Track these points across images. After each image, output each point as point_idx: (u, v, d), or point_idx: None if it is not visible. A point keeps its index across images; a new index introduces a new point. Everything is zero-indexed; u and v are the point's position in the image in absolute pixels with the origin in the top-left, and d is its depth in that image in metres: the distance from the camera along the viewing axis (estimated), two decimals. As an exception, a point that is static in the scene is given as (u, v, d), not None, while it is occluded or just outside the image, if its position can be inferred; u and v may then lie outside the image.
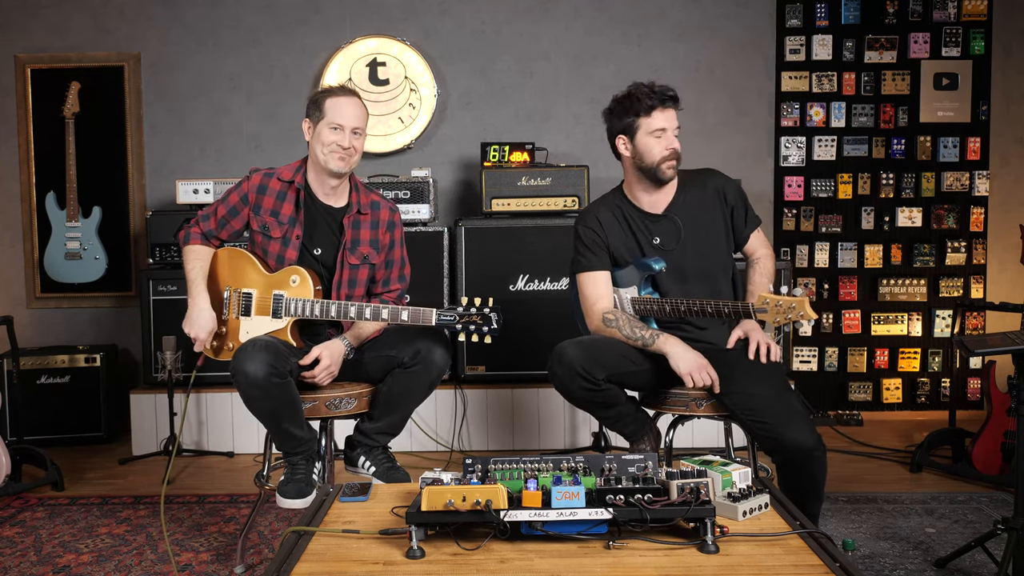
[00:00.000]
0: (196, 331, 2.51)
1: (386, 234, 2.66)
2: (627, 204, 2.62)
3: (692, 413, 2.50)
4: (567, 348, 2.44)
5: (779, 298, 2.27)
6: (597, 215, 2.63)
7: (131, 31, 4.49)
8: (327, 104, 2.52)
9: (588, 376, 2.39)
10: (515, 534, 1.68)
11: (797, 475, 2.29)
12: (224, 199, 2.62)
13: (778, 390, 2.37)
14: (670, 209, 2.58)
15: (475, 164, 4.43)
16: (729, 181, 2.64)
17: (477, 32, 4.50)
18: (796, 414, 2.28)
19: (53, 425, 4.06)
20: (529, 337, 3.80)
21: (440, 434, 3.91)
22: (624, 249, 2.60)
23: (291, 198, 2.58)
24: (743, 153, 4.48)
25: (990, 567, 2.47)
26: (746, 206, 2.63)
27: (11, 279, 4.54)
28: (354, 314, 2.45)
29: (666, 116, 2.50)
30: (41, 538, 2.93)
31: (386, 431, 2.59)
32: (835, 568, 1.55)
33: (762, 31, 4.48)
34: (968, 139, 4.42)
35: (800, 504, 2.32)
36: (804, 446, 2.23)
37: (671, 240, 2.57)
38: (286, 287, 2.51)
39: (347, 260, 2.60)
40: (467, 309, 2.39)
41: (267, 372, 2.29)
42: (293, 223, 2.56)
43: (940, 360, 4.48)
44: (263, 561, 2.66)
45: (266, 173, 2.60)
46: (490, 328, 2.38)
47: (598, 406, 2.51)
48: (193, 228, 2.64)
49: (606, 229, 2.60)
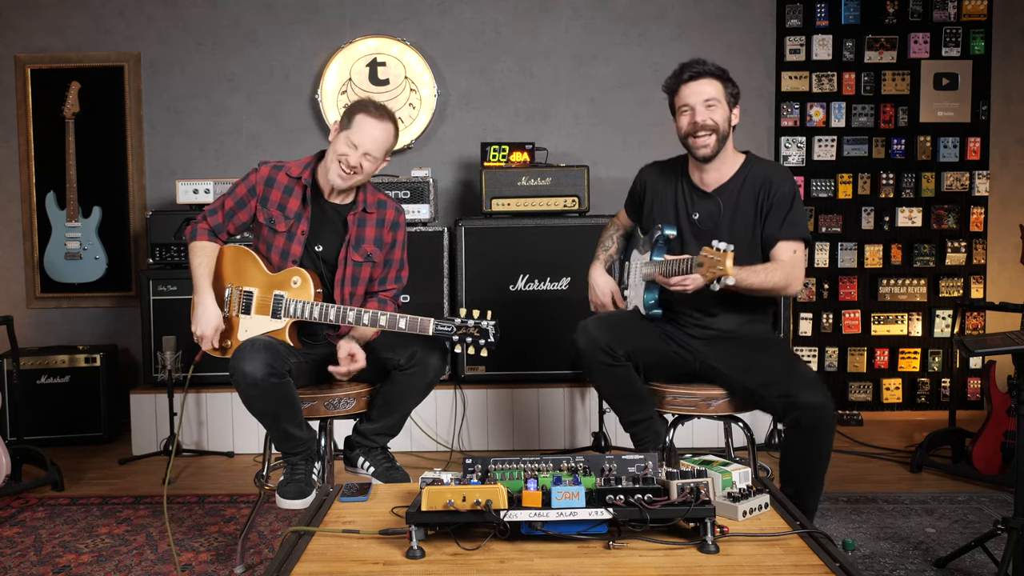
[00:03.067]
0: (203, 329, 2.49)
1: (389, 233, 2.66)
2: (684, 174, 2.63)
3: (697, 413, 2.51)
4: (590, 323, 2.52)
5: (712, 252, 2.19)
6: (650, 178, 2.70)
7: (131, 31, 4.49)
8: (357, 119, 2.50)
9: (609, 350, 2.44)
10: (515, 534, 1.68)
11: (806, 439, 2.33)
12: (231, 191, 2.61)
13: (785, 358, 2.47)
14: (720, 190, 2.55)
15: (475, 164, 4.43)
16: (786, 182, 2.50)
17: (477, 32, 4.50)
18: (808, 377, 2.37)
19: (53, 425, 4.06)
20: (529, 337, 3.80)
21: (440, 434, 3.91)
22: (663, 216, 2.62)
23: (298, 194, 2.57)
24: (743, 153, 4.48)
25: (990, 567, 2.47)
26: (787, 213, 2.47)
27: (11, 279, 4.54)
28: (352, 319, 2.45)
29: (691, 91, 2.47)
30: (41, 538, 2.93)
31: (384, 432, 2.59)
32: (835, 568, 1.55)
33: (762, 31, 4.48)
34: (968, 139, 4.42)
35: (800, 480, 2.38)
36: (819, 403, 2.29)
37: (710, 219, 2.54)
38: (287, 288, 2.51)
39: (350, 257, 2.59)
40: (464, 320, 2.38)
41: (266, 372, 2.29)
42: (299, 218, 2.56)
43: (940, 360, 4.48)
44: (263, 561, 2.66)
45: (275, 166, 2.60)
46: (487, 341, 2.38)
47: (618, 390, 2.51)
48: (200, 224, 2.63)
49: (648, 192, 2.67)
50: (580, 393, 3.90)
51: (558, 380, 3.92)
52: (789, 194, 2.49)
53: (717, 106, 2.46)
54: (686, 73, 2.48)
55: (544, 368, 3.92)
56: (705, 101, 2.46)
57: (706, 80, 2.47)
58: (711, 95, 2.46)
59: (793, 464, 2.39)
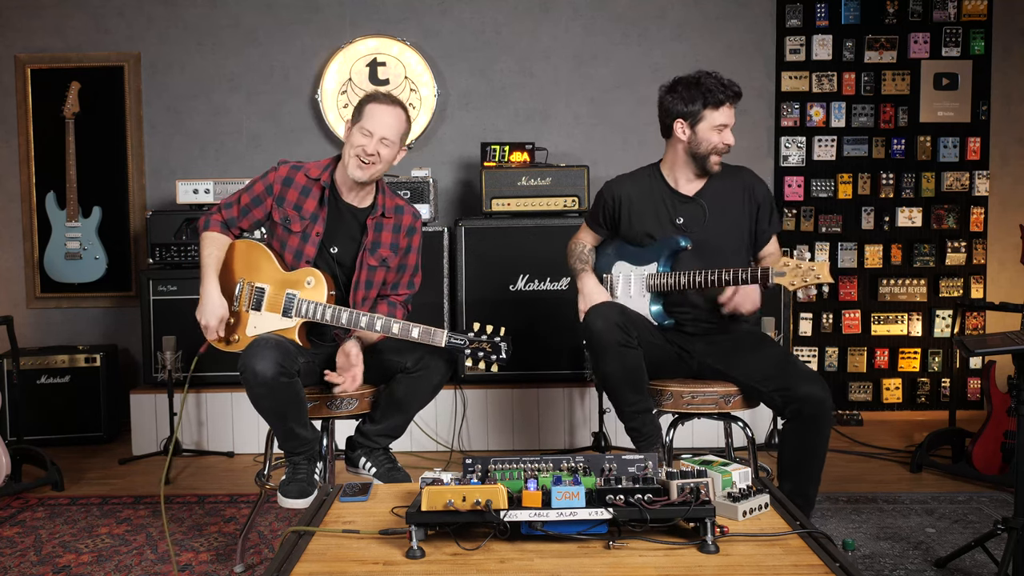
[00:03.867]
0: (207, 319, 2.47)
1: (405, 239, 2.66)
2: (660, 182, 2.69)
3: (710, 411, 2.52)
4: (604, 307, 2.54)
5: (799, 261, 2.35)
6: (622, 191, 2.72)
7: (131, 31, 4.49)
8: (367, 109, 2.51)
9: (625, 329, 2.46)
10: (515, 534, 1.68)
11: (805, 432, 2.38)
12: (249, 188, 2.60)
13: (782, 354, 2.55)
14: (700, 194, 2.65)
15: (475, 164, 4.43)
16: (760, 181, 2.72)
17: (477, 32, 4.50)
18: (807, 372, 2.43)
19: (53, 425, 4.06)
20: (529, 337, 3.79)
21: (440, 434, 3.91)
22: (644, 224, 2.66)
23: (315, 194, 2.56)
24: (743, 153, 4.45)
25: (990, 567, 2.47)
26: (771, 209, 2.71)
27: (11, 279, 4.54)
28: (365, 324, 2.44)
29: (730, 113, 2.57)
30: (41, 538, 2.93)
31: (387, 433, 2.59)
32: (835, 568, 1.55)
33: (762, 31, 4.48)
34: (968, 139, 4.42)
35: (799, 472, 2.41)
36: (817, 395, 2.35)
37: (694, 223, 2.63)
38: (300, 287, 2.49)
39: (366, 261, 2.59)
40: (478, 335, 2.38)
41: (276, 371, 2.28)
42: (315, 219, 2.55)
43: (940, 360, 4.48)
44: (263, 561, 2.66)
45: (294, 166, 2.59)
46: (498, 357, 2.40)
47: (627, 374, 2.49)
48: (215, 215, 2.61)
49: (623, 205, 2.70)
50: (580, 393, 3.90)
51: (558, 380, 3.92)
52: (765, 189, 2.72)
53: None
54: (732, 94, 2.56)
55: (544, 368, 3.92)
56: (732, 125, 2.59)
57: (737, 103, 2.60)
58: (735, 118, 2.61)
59: (793, 455, 2.43)
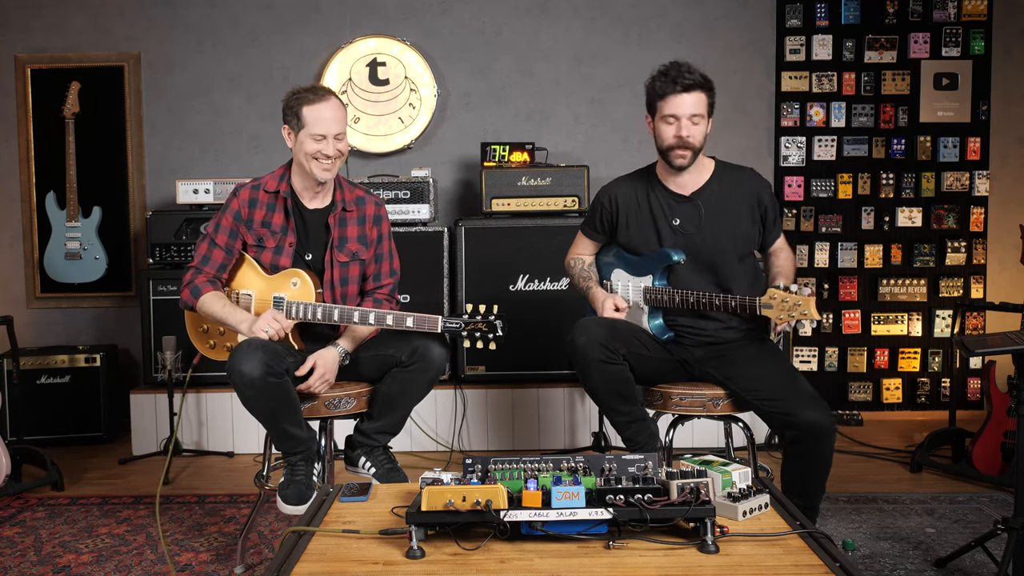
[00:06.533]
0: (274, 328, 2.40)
1: (373, 228, 2.65)
2: (655, 182, 2.63)
3: (704, 413, 2.51)
4: (590, 323, 2.51)
5: (786, 295, 2.30)
6: (618, 193, 2.67)
7: (131, 31, 4.49)
8: (305, 113, 2.47)
9: (608, 346, 2.43)
10: (515, 534, 1.68)
11: (806, 454, 2.34)
12: (217, 229, 2.55)
13: (784, 371, 2.46)
14: (698, 194, 2.58)
15: (475, 164, 4.43)
16: (766, 185, 2.64)
17: (477, 32, 4.50)
18: (809, 394, 2.36)
19: (53, 425, 4.06)
20: (529, 337, 3.79)
21: (440, 434, 3.91)
22: (640, 227, 2.61)
23: (280, 207, 2.57)
24: (743, 153, 4.47)
25: (990, 567, 2.47)
26: (776, 216, 2.64)
27: (11, 279, 4.54)
28: (357, 319, 2.44)
29: (681, 102, 2.44)
30: (41, 538, 2.93)
31: (386, 430, 2.59)
32: (835, 568, 1.55)
33: (762, 31, 4.48)
34: (968, 139, 4.42)
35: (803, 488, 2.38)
36: (819, 423, 2.29)
37: (691, 224, 2.56)
38: (287, 289, 2.50)
39: (336, 258, 2.59)
40: (472, 316, 2.39)
41: (263, 372, 2.28)
42: (285, 231, 2.56)
43: (940, 360, 4.48)
44: (263, 561, 2.67)
45: (252, 186, 2.58)
46: (495, 335, 2.39)
47: (612, 388, 2.48)
48: (197, 277, 2.53)
49: (621, 208, 2.64)
50: (580, 393, 3.90)
51: (558, 380, 3.92)
52: (771, 193, 2.65)
53: (700, 122, 2.48)
54: (680, 83, 2.44)
55: (544, 368, 3.92)
56: (691, 116, 2.46)
57: (696, 93, 2.46)
58: (698, 111, 2.47)
59: (798, 480, 2.39)
